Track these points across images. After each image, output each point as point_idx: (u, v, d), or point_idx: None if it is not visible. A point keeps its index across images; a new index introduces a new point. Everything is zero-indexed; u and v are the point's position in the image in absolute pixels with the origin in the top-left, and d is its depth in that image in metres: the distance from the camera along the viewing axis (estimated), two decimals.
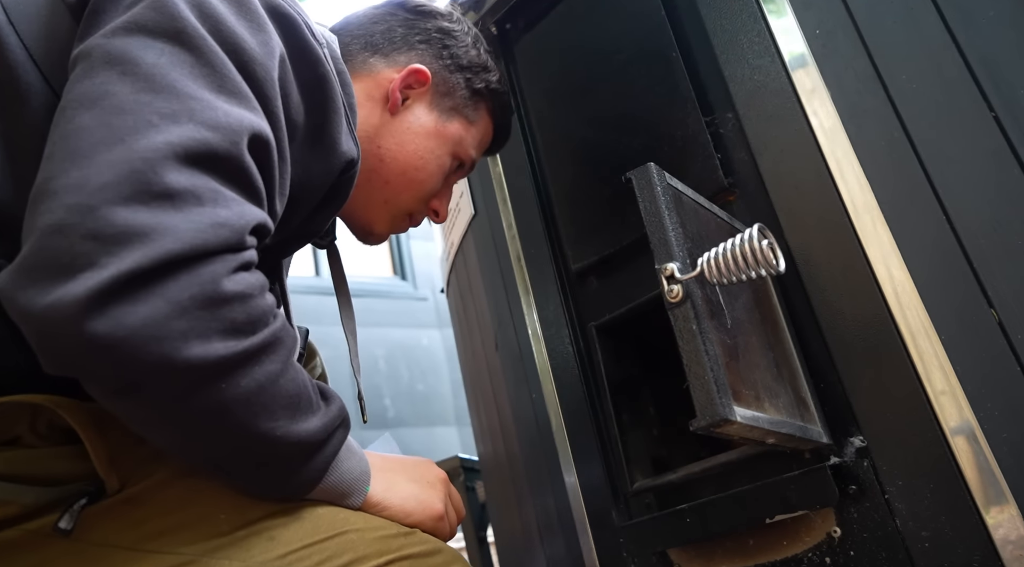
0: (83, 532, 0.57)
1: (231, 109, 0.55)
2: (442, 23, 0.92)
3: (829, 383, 0.84)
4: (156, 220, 0.47)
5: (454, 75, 0.91)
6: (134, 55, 0.53)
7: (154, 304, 0.46)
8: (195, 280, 0.48)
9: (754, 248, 0.68)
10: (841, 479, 0.81)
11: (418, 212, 0.93)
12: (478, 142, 0.95)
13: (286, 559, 0.59)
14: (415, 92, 0.88)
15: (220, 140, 0.52)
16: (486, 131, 0.97)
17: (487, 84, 0.94)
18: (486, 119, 0.96)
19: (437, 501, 0.73)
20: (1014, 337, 0.72)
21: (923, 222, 0.78)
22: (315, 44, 0.67)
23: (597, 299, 1.10)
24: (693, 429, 0.66)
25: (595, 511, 1.09)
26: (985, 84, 0.78)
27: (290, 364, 0.57)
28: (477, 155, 0.96)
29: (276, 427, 0.55)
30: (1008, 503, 0.70)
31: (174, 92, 0.53)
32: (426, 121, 0.88)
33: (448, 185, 0.95)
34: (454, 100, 0.91)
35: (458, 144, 0.91)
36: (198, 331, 0.48)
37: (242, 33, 0.59)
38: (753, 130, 0.92)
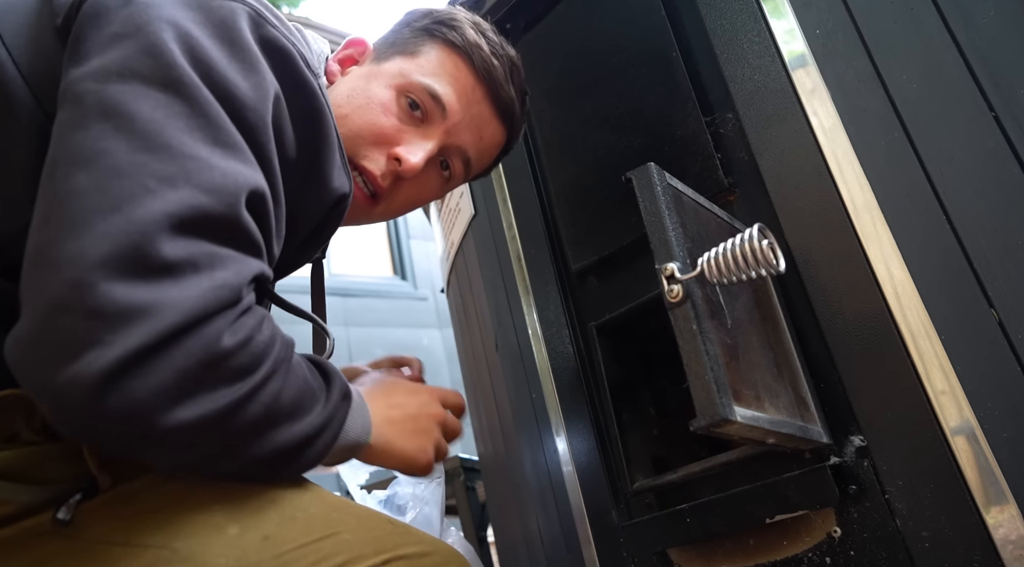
0: (78, 528, 0.57)
1: (228, 165, 0.55)
2: (420, 22, 0.87)
3: (829, 383, 0.84)
4: (155, 295, 0.49)
5: (396, 30, 0.86)
6: (129, 108, 0.53)
7: (162, 374, 0.49)
8: (199, 345, 0.50)
9: (754, 248, 0.68)
10: (841, 479, 0.81)
11: (368, 157, 0.80)
12: (431, 70, 0.82)
13: (281, 559, 0.59)
14: (358, 63, 0.86)
15: (216, 204, 0.53)
16: (444, 59, 0.83)
17: (434, 19, 0.85)
18: (441, 48, 0.84)
19: (423, 453, 0.76)
20: (1014, 337, 0.72)
21: (923, 222, 0.78)
22: (309, 77, 0.65)
23: (597, 299, 1.10)
24: (693, 429, 0.66)
25: (595, 511, 1.09)
26: (985, 84, 0.78)
27: (290, 373, 0.59)
28: (443, 87, 0.82)
29: (282, 433, 0.58)
30: (1008, 503, 0.70)
31: (170, 151, 0.53)
32: (361, 73, 0.84)
33: (419, 134, 0.82)
34: (393, 47, 0.85)
35: (397, 76, 0.81)
36: (206, 387, 0.51)
37: (234, 78, 0.58)
38: (753, 130, 0.92)
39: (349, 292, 4.96)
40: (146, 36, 0.56)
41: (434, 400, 0.81)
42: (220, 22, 0.60)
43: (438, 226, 1.79)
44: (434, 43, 0.84)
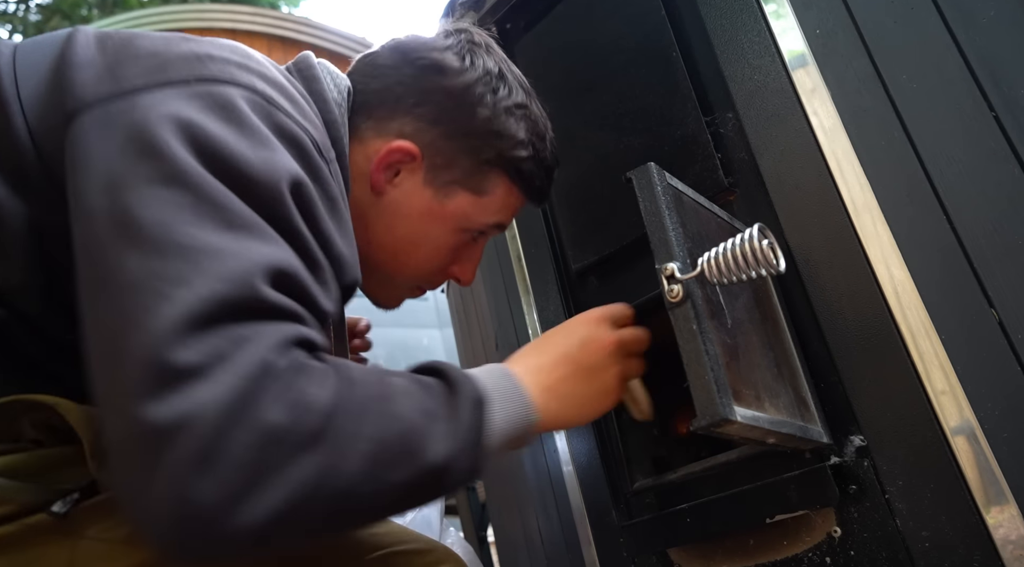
0: (78, 526, 0.58)
1: (240, 247, 0.53)
2: (447, 81, 0.79)
3: (829, 383, 0.84)
4: (188, 402, 0.46)
5: (454, 143, 0.79)
6: (135, 215, 0.52)
7: (224, 476, 0.46)
8: (248, 431, 0.47)
9: (754, 248, 0.68)
10: (841, 479, 0.81)
11: (429, 283, 0.87)
12: (496, 210, 0.83)
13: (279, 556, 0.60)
14: (406, 167, 0.79)
15: (231, 289, 0.51)
16: (507, 197, 0.84)
17: (499, 153, 0.80)
18: (504, 186, 0.83)
19: (604, 398, 0.74)
20: (1014, 337, 0.72)
21: (923, 222, 0.78)
22: (322, 167, 0.64)
23: (597, 299, 1.10)
24: (693, 429, 0.66)
25: (595, 511, 1.09)
26: (985, 84, 0.78)
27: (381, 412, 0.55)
28: (503, 219, 0.85)
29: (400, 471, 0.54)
30: (1008, 503, 0.70)
31: (179, 249, 0.51)
32: (418, 201, 0.79)
33: (473, 248, 0.87)
34: (454, 173, 0.80)
35: (464, 219, 0.81)
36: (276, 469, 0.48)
37: (242, 155, 0.57)
38: (753, 130, 0.92)
39: None
40: (147, 137, 0.55)
41: (599, 326, 0.77)
42: (223, 105, 0.59)
43: None
44: (499, 179, 0.82)
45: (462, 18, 1.31)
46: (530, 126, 0.83)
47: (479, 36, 0.84)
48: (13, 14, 10.83)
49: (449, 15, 1.33)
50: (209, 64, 0.61)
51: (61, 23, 10.37)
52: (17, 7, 10.84)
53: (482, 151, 0.80)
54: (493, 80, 0.81)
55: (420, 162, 0.79)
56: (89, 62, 0.60)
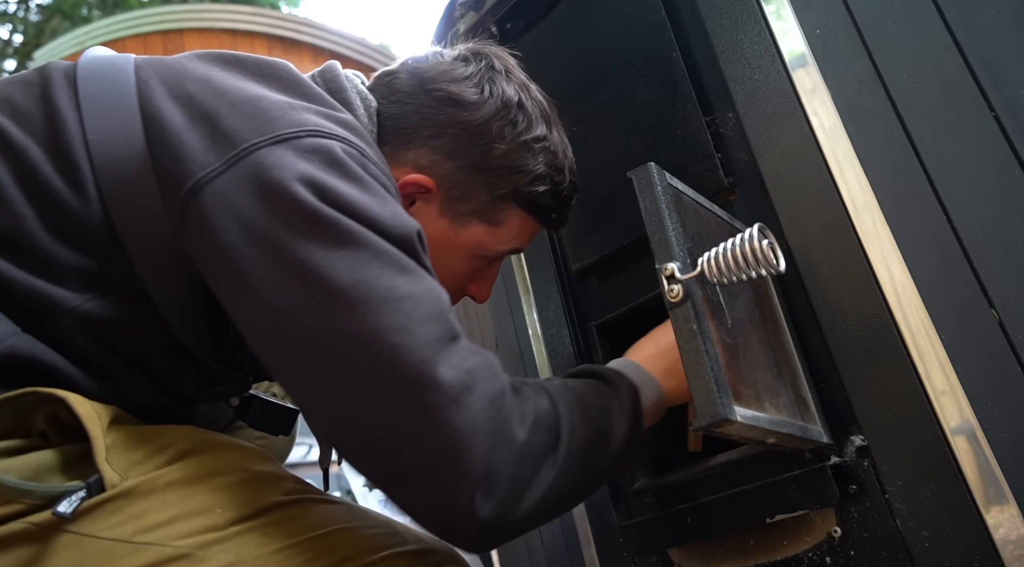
0: (83, 524, 0.58)
1: (423, 288, 0.62)
2: (464, 116, 0.78)
3: (829, 383, 0.84)
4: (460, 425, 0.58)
5: (471, 177, 0.79)
6: (330, 280, 0.59)
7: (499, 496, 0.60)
8: (505, 455, 0.60)
9: (754, 248, 0.68)
10: (841, 479, 0.81)
11: None
12: (511, 239, 0.84)
13: (280, 554, 0.60)
14: (422, 197, 0.80)
15: (440, 327, 0.61)
16: (522, 228, 0.85)
17: (515, 188, 0.80)
18: (520, 218, 0.83)
19: None
20: (1014, 337, 0.72)
21: (923, 222, 0.78)
22: None
23: (597, 299, 1.10)
24: (694, 429, 0.66)
25: (596, 511, 1.09)
26: (985, 84, 0.78)
27: (584, 413, 0.70)
28: (519, 244, 0.86)
29: (605, 457, 0.71)
30: (1008, 503, 0.70)
31: (386, 301, 0.59)
32: (433, 230, 0.80)
33: (489, 269, 0.88)
34: (470, 204, 0.80)
35: (478, 248, 0.83)
36: (532, 474, 0.62)
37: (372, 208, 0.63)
38: (753, 130, 0.92)
39: None
40: (288, 198, 0.60)
41: None
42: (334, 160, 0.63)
43: None
44: (514, 211, 0.83)
45: (463, 18, 1.31)
46: (548, 159, 0.82)
47: (499, 62, 0.83)
48: (13, 14, 10.83)
49: (449, 16, 1.33)
50: (304, 114, 0.66)
51: (61, 23, 10.35)
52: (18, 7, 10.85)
53: (498, 186, 0.80)
54: (512, 112, 0.80)
55: (436, 194, 0.80)
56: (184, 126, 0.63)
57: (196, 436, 0.66)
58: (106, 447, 0.60)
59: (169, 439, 0.64)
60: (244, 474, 0.64)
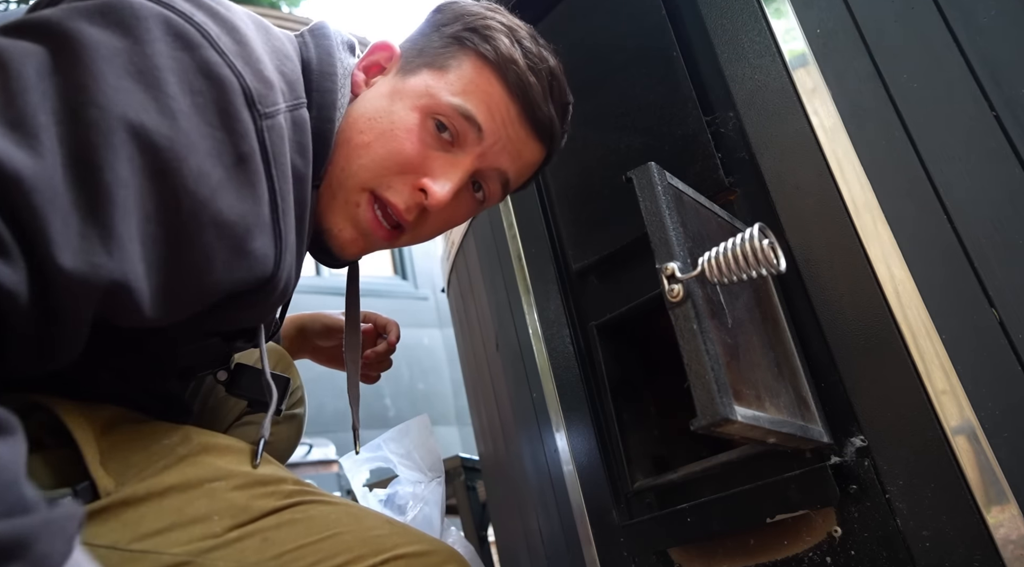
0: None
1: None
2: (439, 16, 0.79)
3: (830, 382, 0.84)
4: None
5: (426, 33, 0.78)
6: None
7: None
8: None
9: (755, 247, 0.68)
10: (842, 478, 0.81)
11: (388, 187, 0.73)
12: (461, 88, 0.73)
13: (280, 560, 0.59)
14: (386, 71, 0.78)
15: None
16: (476, 75, 0.74)
17: (466, 26, 0.75)
18: (472, 61, 0.74)
19: None
20: (1015, 336, 0.72)
21: (924, 221, 0.78)
22: (244, 116, 0.56)
23: (598, 298, 1.10)
24: (694, 429, 0.66)
25: (596, 510, 1.09)
26: (986, 83, 0.78)
27: None
28: (475, 105, 0.73)
29: None
30: (1009, 502, 0.70)
31: None
32: (385, 87, 0.76)
33: (448, 160, 0.74)
34: (422, 58, 0.76)
35: (424, 95, 0.73)
36: None
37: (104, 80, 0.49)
38: (754, 129, 0.92)
39: None
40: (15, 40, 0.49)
41: None
42: (121, 19, 0.52)
43: None
44: (465, 55, 0.75)
45: None
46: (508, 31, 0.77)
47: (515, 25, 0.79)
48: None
49: None
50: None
51: None
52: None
53: (447, 28, 0.76)
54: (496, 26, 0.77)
55: (396, 59, 0.78)
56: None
57: (195, 439, 0.66)
58: (100, 452, 0.59)
59: (168, 442, 0.64)
60: (243, 478, 0.64)
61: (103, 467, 0.59)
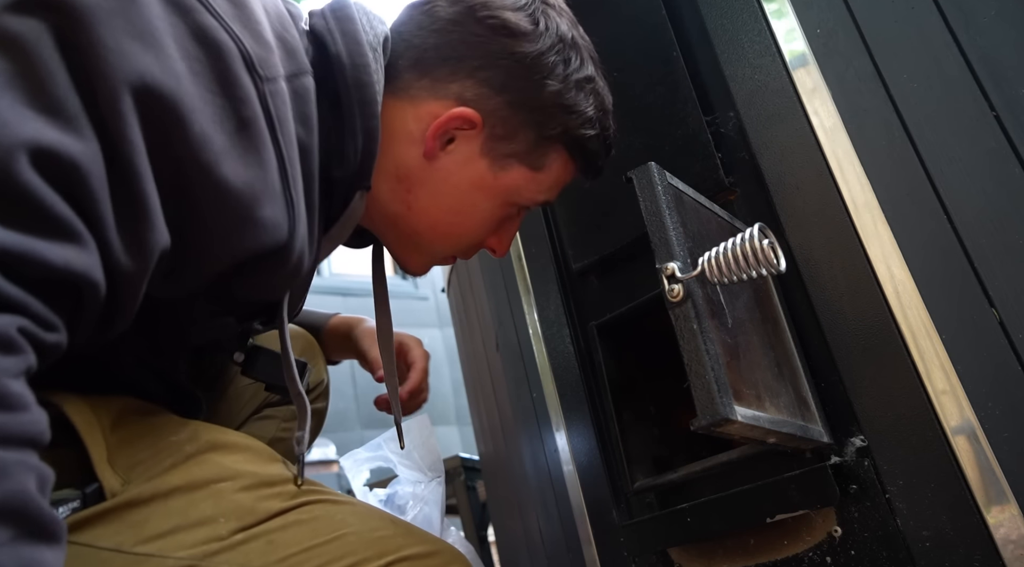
0: (82, 534, 0.56)
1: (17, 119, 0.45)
2: (518, 47, 0.72)
3: (830, 382, 0.84)
4: None
5: (519, 115, 0.73)
6: None
7: None
8: None
9: (755, 247, 0.68)
10: (842, 478, 0.81)
11: (464, 254, 0.83)
12: (550, 186, 0.79)
13: (286, 563, 0.59)
14: (463, 133, 0.73)
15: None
16: (561, 175, 0.79)
17: (565, 129, 0.75)
18: (562, 161, 0.78)
19: None
20: (1015, 336, 0.72)
21: (924, 221, 0.78)
22: (245, 81, 0.54)
23: (598, 298, 1.10)
24: (694, 428, 0.66)
25: (596, 510, 1.09)
26: (986, 83, 0.78)
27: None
28: (552, 196, 0.81)
29: None
30: (1009, 502, 0.70)
31: None
32: (471, 171, 0.74)
33: (511, 223, 0.82)
34: (514, 145, 0.74)
35: (515, 194, 0.77)
36: None
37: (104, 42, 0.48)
38: (754, 129, 0.92)
39: (349, 292, 4.96)
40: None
41: None
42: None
43: None
44: (560, 154, 0.77)
45: None
46: (598, 102, 0.77)
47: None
48: None
49: None
50: None
51: None
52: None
53: (548, 126, 0.74)
54: (566, 49, 0.75)
55: (480, 131, 0.73)
56: None
57: (204, 436, 0.65)
58: (108, 448, 0.59)
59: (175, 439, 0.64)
60: (249, 479, 0.63)
61: (110, 465, 0.58)
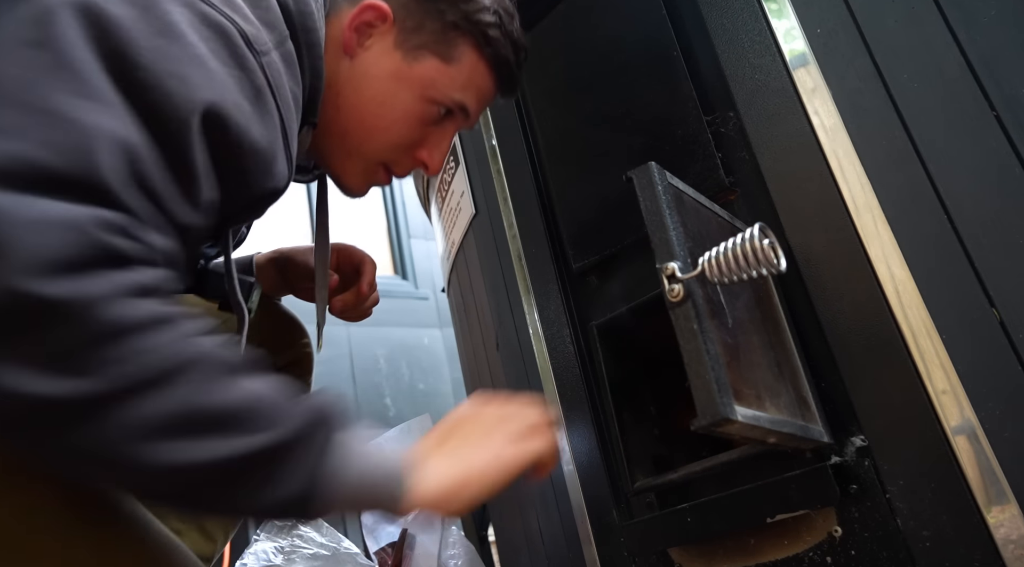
0: None
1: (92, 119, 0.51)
2: None
3: (830, 382, 0.84)
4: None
5: (423, 5, 0.80)
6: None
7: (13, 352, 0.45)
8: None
9: (755, 247, 0.68)
10: (842, 478, 0.81)
11: (396, 162, 0.86)
12: (462, 84, 0.83)
13: None
14: (377, 30, 0.80)
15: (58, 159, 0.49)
16: (474, 71, 0.83)
17: (465, 15, 0.81)
18: (471, 57, 0.83)
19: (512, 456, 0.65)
20: (1015, 336, 0.72)
21: (924, 221, 0.78)
22: (251, 59, 0.62)
23: (598, 298, 1.10)
24: (694, 428, 0.66)
25: (596, 510, 1.09)
26: (986, 83, 0.78)
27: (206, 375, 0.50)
28: (470, 99, 0.84)
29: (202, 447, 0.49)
30: (1009, 502, 0.70)
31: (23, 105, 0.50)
32: (387, 62, 0.80)
33: (440, 133, 0.86)
34: (423, 36, 0.80)
35: (430, 86, 0.81)
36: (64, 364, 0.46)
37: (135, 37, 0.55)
38: (754, 129, 0.92)
39: None
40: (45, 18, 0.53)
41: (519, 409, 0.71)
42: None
43: (439, 225, 1.79)
44: (466, 48, 0.82)
45: None
46: (501, 17, 0.83)
47: None
48: None
49: None
50: None
51: None
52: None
53: (447, 13, 0.80)
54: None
55: (391, 24, 0.80)
56: None
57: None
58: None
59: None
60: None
61: None
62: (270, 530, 1.28)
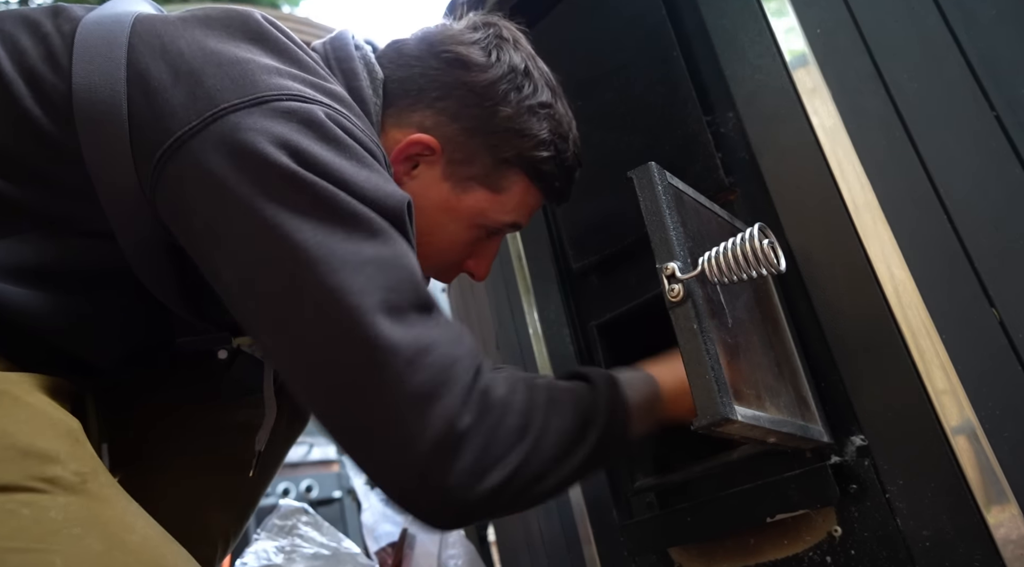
0: None
1: (392, 253, 0.63)
2: (470, 77, 0.79)
3: (830, 382, 0.84)
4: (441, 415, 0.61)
5: (474, 139, 0.79)
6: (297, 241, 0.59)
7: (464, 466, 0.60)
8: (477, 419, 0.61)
9: (755, 247, 0.68)
10: (842, 478, 0.81)
11: (442, 276, 0.88)
12: (513, 208, 0.83)
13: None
14: (425, 160, 0.79)
15: (408, 293, 0.62)
16: (525, 196, 0.83)
17: (519, 153, 0.80)
18: (522, 185, 0.82)
19: None
20: (1015, 336, 0.72)
21: (924, 221, 0.78)
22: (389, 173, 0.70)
23: (598, 298, 1.10)
24: (694, 428, 0.66)
25: (596, 510, 1.09)
26: (986, 83, 0.78)
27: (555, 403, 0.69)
28: (520, 218, 0.85)
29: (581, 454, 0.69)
30: (1009, 502, 0.70)
31: (351, 264, 0.59)
32: (436, 194, 0.80)
33: (488, 246, 0.87)
34: (473, 169, 0.80)
35: (479, 215, 0.82)
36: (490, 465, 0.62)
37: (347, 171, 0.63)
38: (754, 129, 0.92)
39: None
40: (260, 159, 0.60)
41: None
42: (311, 122, 0.63)
43: None
44: (519, 177, 0.82)
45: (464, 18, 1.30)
46: (553, 126, 0.82)
47: (507, 31, 0.84)
48: None
49: (451, 16, 1.33)
50: (288, 80, 0.65)
51: None
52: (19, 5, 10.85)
53: (502, 149, 0.80)
54: (518, 77, 0.81)
55: (439, 156, 0.79)
56: (169, 83, 0.63)
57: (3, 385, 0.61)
58: None
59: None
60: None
61: None
62: (270, 530, 1.28)
